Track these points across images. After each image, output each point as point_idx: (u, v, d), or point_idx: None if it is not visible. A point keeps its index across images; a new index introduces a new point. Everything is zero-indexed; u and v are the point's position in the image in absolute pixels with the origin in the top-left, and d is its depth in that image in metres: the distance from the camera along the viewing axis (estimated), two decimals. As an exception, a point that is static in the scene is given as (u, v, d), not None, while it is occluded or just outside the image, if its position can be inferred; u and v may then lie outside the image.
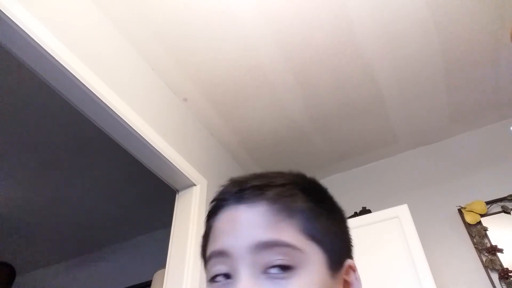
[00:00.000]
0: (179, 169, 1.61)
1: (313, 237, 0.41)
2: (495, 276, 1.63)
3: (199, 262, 1.51)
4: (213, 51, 1.65)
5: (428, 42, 1.66)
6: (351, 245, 0.49)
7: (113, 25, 1.53)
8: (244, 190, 0.43)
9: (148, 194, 2.49)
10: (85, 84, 1.22)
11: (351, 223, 1.80)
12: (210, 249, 0.43)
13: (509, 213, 1.77)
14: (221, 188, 0.47)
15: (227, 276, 0.40)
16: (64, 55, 1.16)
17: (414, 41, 1.65)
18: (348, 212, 2.21)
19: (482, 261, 1.69)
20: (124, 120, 1.36)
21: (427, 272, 1.48)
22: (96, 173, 2.35)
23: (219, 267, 0.41)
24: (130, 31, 1.56)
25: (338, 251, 0.43)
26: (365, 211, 1.95)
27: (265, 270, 0.38)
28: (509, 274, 1.59)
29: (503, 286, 1.59)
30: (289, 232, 0.40)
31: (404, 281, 1.50)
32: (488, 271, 1.65)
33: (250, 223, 0.40)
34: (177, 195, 1.73)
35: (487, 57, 1.75)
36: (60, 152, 2.17)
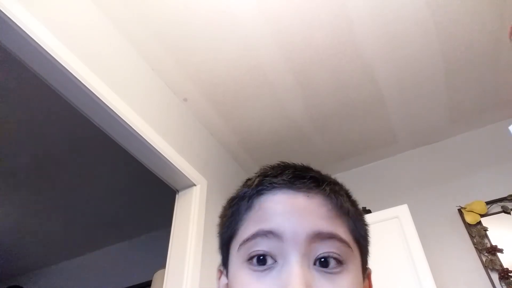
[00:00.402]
0: (179, 169, 1.61)
1: (357, 239, 0.42)
2: (495, 276, 1.63)
3: (199, 262, 1.51)
4: (213, 51, 1.65)
5: (428, 42, 1.66)
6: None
7: (113, 25, 1.53)
8: (302, 178, 0.42)
9: (148, 194, 2.49)
10: (85, 84, 1.22)
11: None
12: (255, 227, 0.40)
13: (509, 213, 1.77)
14: (267, 169, 0.45)
15: (266, 258, 0.38)
16: (64, 55, 1.16)
17: (414, 41, 1.65)
18: (348, 212, 2.19)
19: (482, 261, 1.69)
20: (124, 120, 1.36)
21: (427, 272, 1.48)
22: (96, 173, 2.35)
23: (264, 247, 0.38)
24: (130, 31, 1.57)
25: (367, 257, 0.45)
26: (365, 211, 1.95)
27: (316, 262, 0.37)
28: (509, 274, 1.59)
29: (503, 286, 1.59)
30: (343, 229, 0.40)
31: (404, 281, 1.50)
32: (488, 271, 1.65)
33: (310, 211, 0.39)
34: (177, 195, 1.73)
35: (487, 57, 1.75)
36: (60, 152, 2.17)
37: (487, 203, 1.82)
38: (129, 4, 1.48)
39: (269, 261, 0.38)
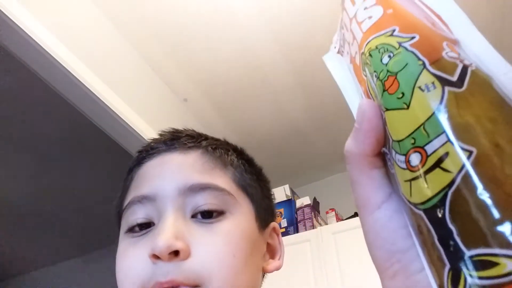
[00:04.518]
0: (179, 169, 1.61)
1: (244, 188, 0.41)
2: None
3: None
4: (213, 52, 1.65)
5: (428, 42, 1.66)
6: (275, 213, 0.49)
7: (113, 25, 1.53)
8: (178, 138, 0.42)
9: (148, 194, 2.49)
10: (85, 84, 1.22)
11: (351, 223, 1.81)
12: (131, 196, 0.39)
13: (509, 213, 1.76)
14: (148, 141, 0.44)
15: (148, 224, 0.36)
16: (64, 55, 1.16)
17: (414, 41, 1.65)
18: (348, 212, 2.19)
19: (482, 261, 1.69)
20: (124, 120, 1.36)
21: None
22: (96, 173, 2.35)
23: (141, 214, 0.37)
24: (130, 31, 1.56)
25: (265, 208, 0.43)
26: (365, 211, 1.95)
27: (195, 215, 0.36)
28: (509, 274, 1.59)
29: (503, 286, 1.59)
30: (223, 179, 0.39)
31: (404, 281, 1.50)
32: (488, 271, 1.65)
33: (182, 166, 0.39)
34: (177, 195, 1.73)
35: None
36: (60, 152, 2.17)
37: (487, 203, 1.81)
38: (130, 5, 1.48)
39: (150, 226, 0.36)
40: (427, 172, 0.14)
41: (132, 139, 1.44)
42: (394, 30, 0.18)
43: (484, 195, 0.12)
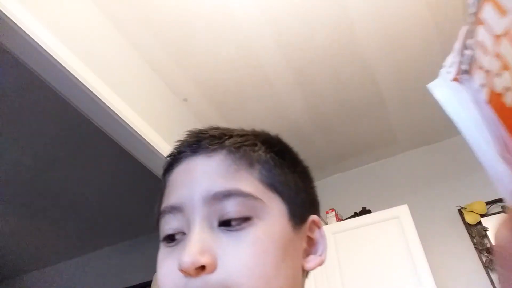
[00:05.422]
0: (179, 169, 1.61)
1: (273, 186, 0.39)
2: (495, 276, 1.63)
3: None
4: (214, 52, 1.65)
5: (428, 43, 1.66)
6: (316, 202, 0.47)
7: (113, 25, 1.54)
8: (202, 140, 0.41)
9: (149, 194, 2.49)
10: (85, 84, 1.22)
11: (351, 223, 1.81)
12: (163, 205, 0.39)
13: (509, 213, 1.76)
14: (177, 143, 0.44)
15: (182, 234, 0.37)
16: (64, 56, 1.16)
17: (414, 42, 1.65)
18: (348, 212, 2.19)
19: (482, 261, 1.69)
20: (124, 121, 1.36)
21: (427, 272, 1.48)
22: (96, 174, 2.35)
23: (173, 225, 0.37)
24: (131, 31, 1.57)
25: (300, 204, 0.41)
26: (365, 211, 1.95)
27: (222, 223, 0.35)
28: (509, 274, 1.59)
29: (503, 286, 1.59)
30: (248, 181, 0.37)
31: (404, 281, 1.50)
32: (488, 271, 1.65)
33: (206, 173, 0.38)
34: (177, 195, 1.73)
35: (487, 57, 1.75)
36: (61, 152, 2.17)
37: (487, 203, 1.82)
38: (130, 5, 1.48)
39: (181, 235, 0.37)
40: None
41: (132, 139, 1.44)
42: None
43: None
